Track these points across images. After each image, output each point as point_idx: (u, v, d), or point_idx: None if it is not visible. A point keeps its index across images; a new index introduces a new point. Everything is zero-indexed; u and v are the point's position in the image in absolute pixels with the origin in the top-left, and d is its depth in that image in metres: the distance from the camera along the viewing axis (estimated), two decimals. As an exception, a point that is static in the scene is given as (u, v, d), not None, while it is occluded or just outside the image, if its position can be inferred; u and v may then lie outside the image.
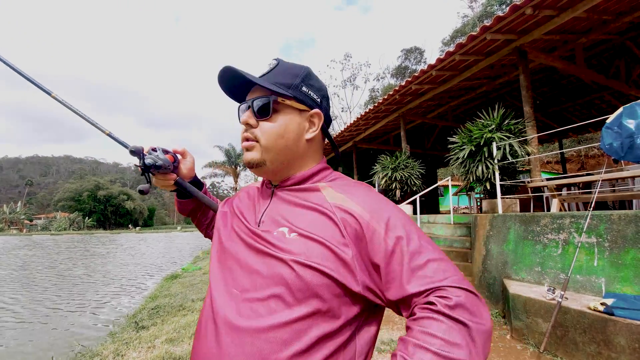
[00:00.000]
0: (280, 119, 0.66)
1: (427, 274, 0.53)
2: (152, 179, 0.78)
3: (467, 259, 4.54)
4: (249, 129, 0.67)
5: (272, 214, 0.67)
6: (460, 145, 4.83)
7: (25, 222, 59.26)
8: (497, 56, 5.05)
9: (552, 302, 2.62)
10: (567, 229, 3.04)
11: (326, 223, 0.59)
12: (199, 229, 0.99)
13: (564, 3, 3.89)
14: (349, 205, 0.60)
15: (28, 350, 3.89)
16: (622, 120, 2.84)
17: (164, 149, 0.79)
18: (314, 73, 0.72)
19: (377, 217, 0.58)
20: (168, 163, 0.76)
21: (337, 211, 0.60)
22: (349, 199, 0.61)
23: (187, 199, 0.91)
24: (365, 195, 0.63)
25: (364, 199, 0.61)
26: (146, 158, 0.73)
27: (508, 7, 4.01)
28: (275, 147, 0.66)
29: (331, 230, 0.58)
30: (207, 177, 37.23)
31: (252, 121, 0.66)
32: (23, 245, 22.63)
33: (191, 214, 0.96)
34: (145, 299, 5.97)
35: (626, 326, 2.17)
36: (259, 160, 0.67)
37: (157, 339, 3.34)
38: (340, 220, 0.58)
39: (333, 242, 0.57)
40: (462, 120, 5.87)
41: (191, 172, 0.87)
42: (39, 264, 12.23)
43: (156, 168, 0.74)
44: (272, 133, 0.65)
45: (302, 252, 0.56)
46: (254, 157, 0.67)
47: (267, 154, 0.66)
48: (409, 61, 31.82)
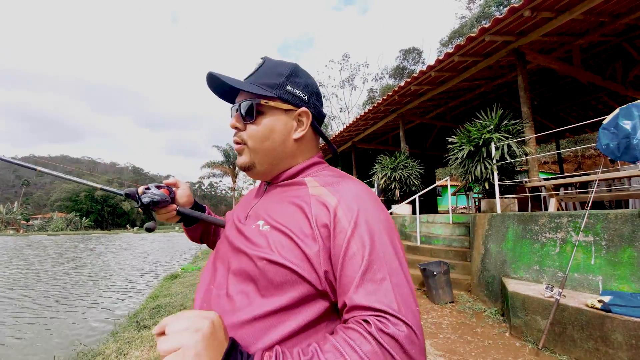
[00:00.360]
0: (265, 121, 0.65)
1: (378, 292, 0.49)
2: (155, 215, 0.80)
3: (466, 258, 4.58)
4: (238, 133, 0.67)
5: (257, 209, 0.67)
6: (459, 145, 4.87)
7: (22, 223, 58.85)
8: (495, 57, 5.10)
9: (550, 299, 2.66)
10: (564, 228, 3.09)
11: (298, 215, 0.58)
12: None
13: (561, 5, 3.94)
14: (328, 198, 0.57)
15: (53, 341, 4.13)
16: (618, 121, 2.88)
17: (156, 184, 0.80)
18: (301, 69, 0.70)
19: (350, 215, 0.54)
20: (164, 196, 0.77)
21: (313, 203, 0.58)
22: (330, 192, 0.59)
23: (194, 225, 0.91)
24: (348, 190, 0.59)
25: (345, 194, 0.58)
26: (142, 197, 0.75)
27: (506, 8, 4.06)
28: (261, 150, 0.66)
29: (301, 223, 0.56)
30: (206, 177, 37.18)
31: (239, 124, 0.67)
32: (24, 245, 22.58)
33: (203, 239, 0.95)
34: (146, 298, 5.98)
35: (623, 323, 2.21)
36: (249, 163, 0.67)
37: (159, 338, 3.35)
38: (313, 213, 0.56)
39: (300, 235, 0.55)
40: (461, 121, 5.92)
41: (190, 199, 0.86)
42: (51, 263, 12.42)
43: (155, 204, 0.75)
44: (258, 136, 0.65)
45: (267, 245, 0.56)
46: (244, 161, 0.68)
47: (255, 156, 0.66)
48: (407, 62, 31.88)
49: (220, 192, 55.17)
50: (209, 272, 0.67)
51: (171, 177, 0.87)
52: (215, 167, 33.84)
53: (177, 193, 0.84)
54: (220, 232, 0.94)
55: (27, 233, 49.11)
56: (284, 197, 0.64)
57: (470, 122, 4.92)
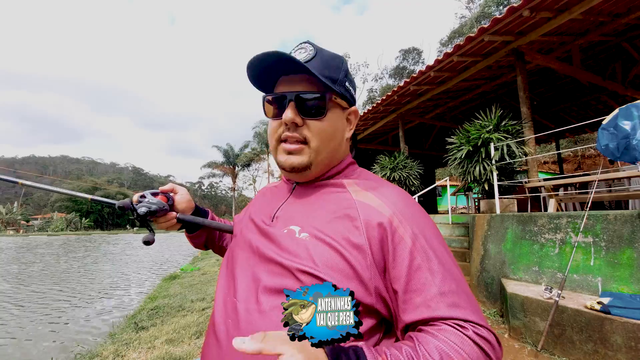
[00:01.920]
0: (331, 118, 0.59)
1: (459, 303, 0.47)
2: (153, 225, 0.74)
3: (465, 259, 4.57)
4: (295, 129, 0.58)
5: (288, 209, 0.61)
6: (458, 145, 4.86)
7: (22, 223, 58.89)
8: (494, 57, 5.09)
9: (549, 301, 2.65)
10: (564, 228, 3.08)
11: (343, 223, 0.53)
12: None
13: (560, 5, 3.93)
14: (377, 204, 0.53)
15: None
16: (617, 121, 2.87)
17: (152, 191, 0.73)
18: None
19: (407, 225, 0.51)
20: (162, 204, 0.71)
21: (361, 210, 0.53)
22: (378, 198, 0.55)
23: (197, 231, 0.83)
24: (396, 196, 0.56)
25: (395, 200, 0.54)
26: (138, 207, 0.68)
27: (505, 8, 4.04)
28: (325, 150, 0.59)
29: (348, 232, 0.51)
30: (206, 177, 37.21)
31: (298, 119, 0.57)
32: (35, 246, 22.80)
33: (209, 245, 0.89)
34: (144, 299, 5.97)
35: (622, 325, 2.20)
36: (307, 164, 0.59)
37: (156, 339, 3.34)
38: (363, 221, 0.52)
39: (348, 247, 0.50)
40: (460, 121, 5.90)
41: (190, 204, 0.79)
42: (68, 261, 12.90)
43: (152, 213, 0.69)
44: (325, 135, 0.58)
45: (309, 256, 0.50)
46: (302, 161, 0.59)
47: (316, 156, 0.59)
48: (406, 61, 31.88)
49: (220, 193, 55.19)
50: (226, 281, 0.60)
51: (169, 181, 0.82)
52: (216, 167, 33.85)
53: (175, 199, 0.77)
54: (227, 236, 0.89)
55: (27, 233, 49.13)
56: (323, 200, 0.59)
57: (469, 122, 4.91)
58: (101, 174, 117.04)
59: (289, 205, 0.62)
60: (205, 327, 3.54)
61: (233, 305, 0.54)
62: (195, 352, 2.93)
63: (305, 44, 0.60)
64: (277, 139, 0.60)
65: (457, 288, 0.49)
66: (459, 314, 0.47)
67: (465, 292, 0.49)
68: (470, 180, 4.71)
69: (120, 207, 0.69)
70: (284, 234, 0.55)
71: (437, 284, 0.48)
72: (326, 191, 0.60)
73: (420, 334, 0.46)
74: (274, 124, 0.60)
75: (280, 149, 0.60)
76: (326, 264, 0.49)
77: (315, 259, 0.50)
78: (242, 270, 0.58)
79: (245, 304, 0.52)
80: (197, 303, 4.75)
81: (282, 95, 0.58)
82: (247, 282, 0.55)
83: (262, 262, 0.55)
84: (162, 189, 0.77)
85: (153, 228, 0.73)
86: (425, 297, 0.47)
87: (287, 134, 0.58)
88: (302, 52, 0.58)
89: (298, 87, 0.58)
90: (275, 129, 0.60)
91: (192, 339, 3.24)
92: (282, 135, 0.59)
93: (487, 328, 0.47)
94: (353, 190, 0.58)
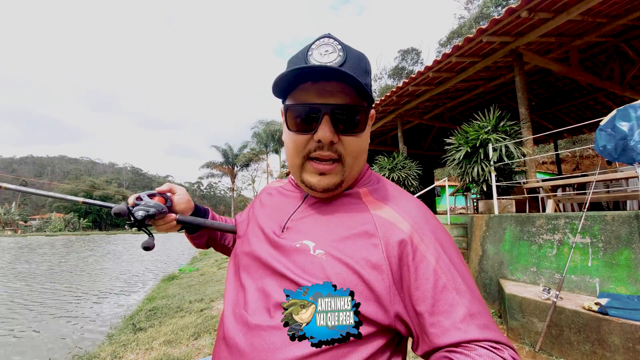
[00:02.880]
0: (366, 131, 0.54)
1: (489, 324, 0.46)
2: (151, 229, 0.71)
3: (464, 259, 4.57)
4: (330, 146, 0.52)
5: (300, 220, 0.57)
6: (457, 146, 4.87)
7: (20, 223, 58.69)
8: (493, 58, 5.09)
9: (547, 302, 2.65)
10: (562, 229, 3.08)
11: (363, 241, 0.49)
12: (228, 255, 0.85)
13: (559, 6, 3.94)
14: (396, 220, 0.50)
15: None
16: (615, 122, 2.87)
17: (149, 193, 0.70)
18: None
19: (428, 242, 0.48)
20: (160, 206, 0.68)
21: (380, 226, 0.50)
22: (396, 211, 0.51)
23: (198, 232, 0.80)
24: (415, 209, 0.52)
25: (414, 214, 0.51)
26: (135, 212, 0.64)
27: (504, 9, 4.05)
28: (358, 166, 0.55)
29: (367, 251, 0.48)
30: (205, 177, 37.16)
31: (335, 137, 0.51)
32: (36, 246, 22.82)
33: (211, 244, 0.86)
34: (142, 300, 5.95)
35: (620, 326, 2.20)
36: (339, 184, 0.54)
37: (154, 340, 3.33)
38: (382, 238, 0.49)
39: (367, 267, 0.47)
40: (459, 121, 5.91)
41: (189, 204, 0.76)
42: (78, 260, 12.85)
43: (150, 217, 0.65)
44: (360, 150, 0.54)
45: (326, 277, 0.48)
46: (336, 182, 0.54)
47: (349, 174, 0.54)
48: (405, 62, 31.93)
49: (219, 193, 55.11)
50: (235, 291, 0.57)
51: (168, 181, 0.77)
52: (215, 168, 33.79)
53: (173, 199, 0.74)
54: (229, 235, 0.86)
55: (24, 234, 48.95)
56: (338, 212, 0.54)
57: (468, 123, 4.92)
58: (100, 174, 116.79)
59: (301, 215, 0.58)
60: (204, 328, 3.54)
61: (243, 318, 0.52)
62: (193, 353, 2.92)
63: (329, 39, 0.51)
64: (304, 156, 0.54)
65: (483, 308, 0.47)
66: (491, 336, 0.45)
67: (488, 312, 0.48)
68: (468, 180, 4.72)
69: (117, 213, 0.64)
70: (297, 249, 0.52)
71: (465, 304, 0.46)
72: (341, 202, 0.56)
73: (458, 355, 0.44)
74: (301, 138, 0.53)
75: (308, 168, 0.54)
76: (345, 285, 0.47)
77: (332, 279, 0.47)
78: (251, 282, 0.55)
79: (257, 318, 0.50)
80: (196, 304, 4.74)
81: (315, 108, 0.50)
82: (257, 295, 0.52)
83: (272, 276, 0.52)
84: (159, 190, 0.73)
85: (152, 232, 0.70)
86: (454, 320, 0.45)
87: (320, 152, 0.52)
88: (330, 51, 0.50)
89: (332, 99, 0.50)
90: (303, 145, 0.53)
91: (190, 340, 3.23)
92: (312, 153, 0.53)
93: (514, 350, 0.46)
94: (370, 201, 0.54)
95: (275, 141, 28.38)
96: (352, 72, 0.48)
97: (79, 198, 0.73)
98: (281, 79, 0.50)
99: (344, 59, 0.49)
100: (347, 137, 0.51)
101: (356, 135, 0.52)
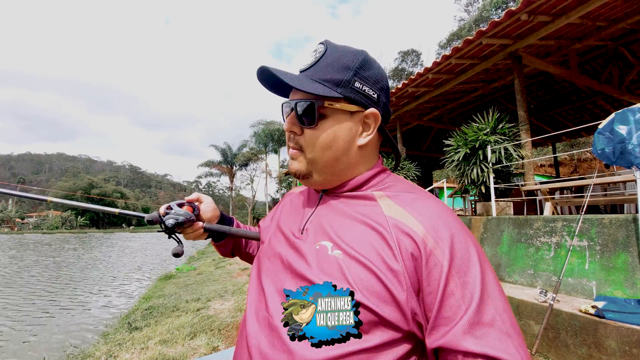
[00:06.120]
0: (327, 126, 0.55)
1: (489, 336, 0.43)
2: (180, 237, 0.75)
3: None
4: (294, 137, 0.59)
5: (317, 221, 0.58)
6: (456, 148, 4.87)
7: (17, 221, 58.43)
8: (492, 60, 5.10)
9: (544, 304, 2.65)
10: (559, 232, 3.08)
11: (378, 243, 0.49)
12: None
13: (558, 9, 3.95)
14: (410, 222, 0.49)
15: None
16: (613, 125, 2.88)
17: (178, 202, 0.75)
18: (371, 58, 0.58)
19: (443, 246, 0.47)
20: (189, 215, 0.72)
21: (393, 229, 0.49)
22: (410, 214, 0.51)
23: (224, 240, 0.83)
24: (431, 212, 0.51)
25: (430, 217, 0.50)
26: (166, 220, 0.69)
27: (504, 11, 4.06)
28: (321, 160, 0.57)
29: (383, 253, 0.48)
30: (203, 176, 37.07)
31: (296, 128, 0.57)
32: (45, 242, 22.84)
33: (236, 253, 0.90)
34: (139, 299, 5.92)
35: (616, 329, 2.20)
36: (305, 173, 0.59)
37: (150, 340, 3.31)
38: (396, 240, 0.48)
39: (383, 268, 0.47)
40: (458, 123, 5.92)
41: (216, 212, 0.79)
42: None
43: (180, 225, 0.70)
44: (318, 144, 0.56)
45: (343, 277, 0.48)
46: (299, 169, 0.59)
47: (312, 166, 0.58)
48: (405, 63, 31.98)
49: (217, 192, 55.05)
50: (257, 293, 0.59)
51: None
52: (213, 167, 33.69)
53: (200, 208, 0.77)
54: (253, 243, 0.89)
55: (21, 231, 48.73)
56: (352, 213, 0.55)
57: (467, 125, 4.92)
58: (98, 172, 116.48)
59: (318, 217, 0.60)
60: (200, 327, 3.52)
61: (266, 319, 0.53)
62: (189, 353, 2.90)
63: (319, 45, 0.58)
64: (287, 145, 0.62)
65: (492, 319, 0.44)
66: (488, 351, 0.42)
67: (506, 323, 0.44)
68: (467, 182, 4.73)
69: (149, 220, 0.70)
70: (316, 250, 0.53)
71: (470, 313, 0.43)
72: (355, 204, 0.57)
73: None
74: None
75: (288, 155, 0.63)
76: (364, 286, 0.47)
77: (350, 280, 0.47)
78: (272, 284, 0.56)
79: (279, 320, 0.50)
80: (192, 303, 4.72)
81: (286, 104, 0.60)
82: (278, 297, 0.53)
83: (293, 277, 0.53)
84: (188, 199, 0.77)
85: (180, 239, 0.74)
86: (452, 328, 0.43)
87: (288, 142, 0.61)
88: (313, 54, 0.57)
89: (297, 95, 0.57)
90: (287, 135, 0.61)
91: (186, 340, 3.22)
92: (287, 143, 0.62)
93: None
94: (385, 204, 0.54)
95: (274, 141, 28.32)
96: (319, 72, 0.55)
97: (114, 209, 0.77)
98: (261, 82, 0.62)
99: (316, 61, 0.56)
100: (306, 129, 0.57)
101: (312, 128, 0.56)
